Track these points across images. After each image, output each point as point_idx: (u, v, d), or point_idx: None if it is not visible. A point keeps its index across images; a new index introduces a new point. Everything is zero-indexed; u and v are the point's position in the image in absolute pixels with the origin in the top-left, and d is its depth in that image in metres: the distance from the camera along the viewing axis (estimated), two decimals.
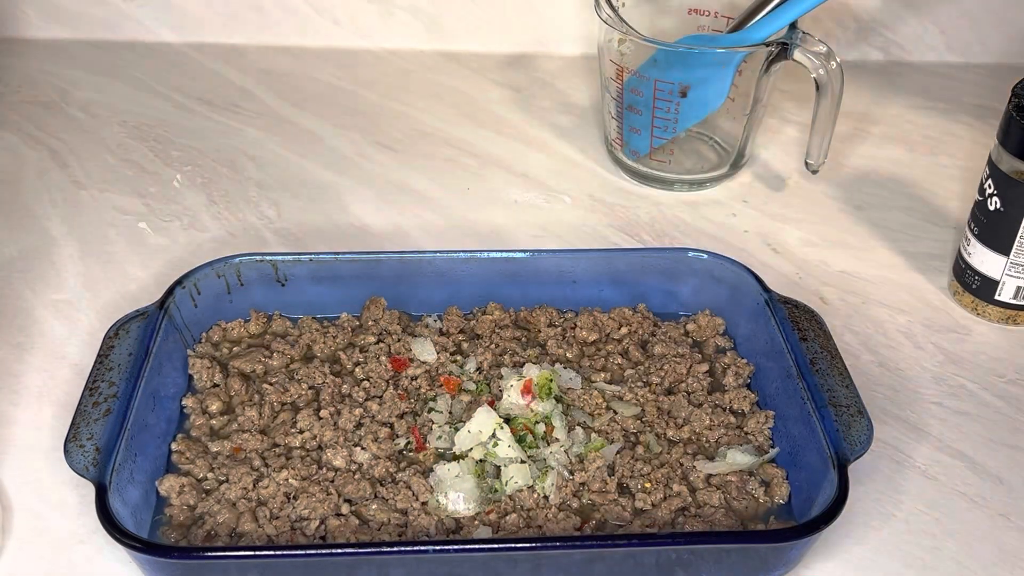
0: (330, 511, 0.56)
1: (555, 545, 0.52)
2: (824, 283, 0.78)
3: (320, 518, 0.56)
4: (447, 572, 0.52)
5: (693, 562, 0.53)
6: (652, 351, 0.68)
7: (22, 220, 0.82)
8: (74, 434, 0.55)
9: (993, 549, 0.58)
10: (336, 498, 0.57)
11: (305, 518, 0.56)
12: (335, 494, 0.57)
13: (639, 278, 0.71)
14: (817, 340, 0.63)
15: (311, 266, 0.69)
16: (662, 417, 0.63)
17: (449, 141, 0.94)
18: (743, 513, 0.58)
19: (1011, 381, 0.70)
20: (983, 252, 0.72)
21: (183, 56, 1.05)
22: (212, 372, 0.65)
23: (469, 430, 0.59)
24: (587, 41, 1.06)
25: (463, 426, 0.59)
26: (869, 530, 0.59)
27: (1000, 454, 0.64)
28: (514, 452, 0.58)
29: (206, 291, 0.67)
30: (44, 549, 0.56)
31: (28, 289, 0.75)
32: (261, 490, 0.57)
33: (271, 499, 0.57)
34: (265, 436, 0.61)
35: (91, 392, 0.58)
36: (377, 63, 1.06)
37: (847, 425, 0.57)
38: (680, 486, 0.58)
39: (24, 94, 0.98)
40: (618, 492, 0.58)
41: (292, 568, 0.51)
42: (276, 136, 0.94)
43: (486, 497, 0.57)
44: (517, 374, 0.63)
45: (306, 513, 0.56)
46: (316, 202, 0.85)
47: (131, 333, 0.62)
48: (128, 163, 0.89)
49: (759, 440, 0.62)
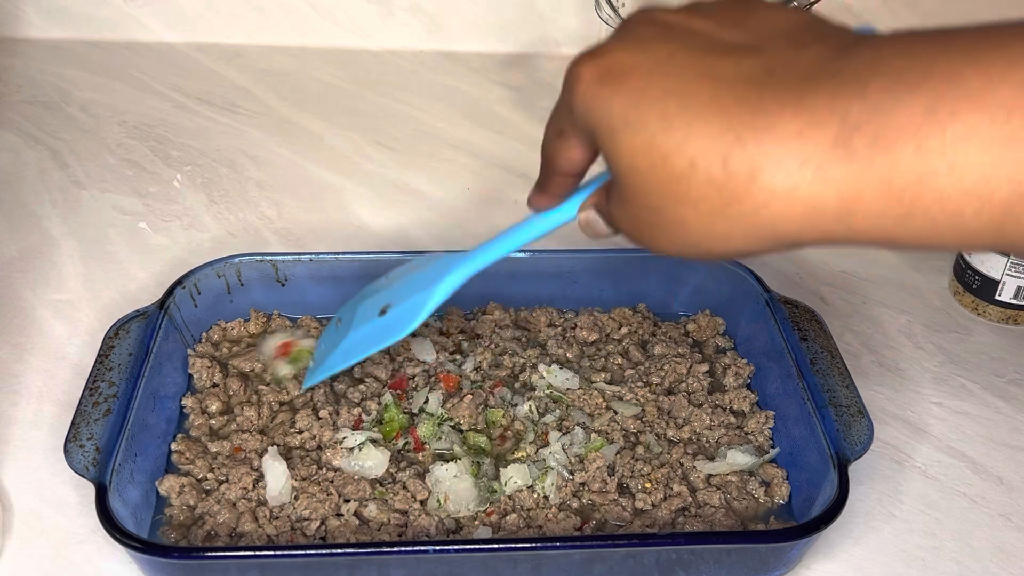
0: (330, 511, 0.56)
1: (555, 545, 0.52)
2: (824, 283, 0.78)
3: (320, 518, 0.56)
4: (447, 572, 0.52)
5: (693, 562, 0.53)
6: (652, 351, 0.68)
7: (22, 220, 0.82)
8: (74, 434, 0.55)
9: (993, 549, 0.58)
10: (336, 498, 0.57)
11: (305, 518, 0.56)
12: (335, 494, 0.57)
13: (639, 278, 0.71)
14: (817, 340, 0.63)
15: (311, 266, 0.69)
16: (662, 417, 0.63)
17: (449, 141, 0.94)
18: (743, 513, 0.58)
19: (1011, 381, 0.70)
20: (983, 252, 0.72)
21: (183, 56, 1.05)
22: (212, 372, 0.64)
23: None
24: (587, 41, 1.05)
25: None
26: (869, 530, 0.59)
27: (1000, 454, 0.64)
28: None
29: (206, 291, 0.67)
30: (44, 549, 0.56)
31: (28, 289, 0.75)
32: (261, 490, 0.57)
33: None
34: (264, 436, 0.61)
35: (91, 392, 0.58)
36: (377, 63, 1.06)
37: (847, 425, 0.57)
38: (680, 486, 0.58)
39: (24, 94, 0.98)
40: (618, 492, 0.58)
41: (292, 568, 0.51)
42: (276, 136, 0.94)
43: (484, 497, 0.57)
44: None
45: (306, 513, 0.56)
46: (316, 202, 0.85)
47: (131, 333, 0.62)
48: (128, 163, 0.89)
49: (759, 440, 0.62)
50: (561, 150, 0.43)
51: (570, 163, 0.44)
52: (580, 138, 0.41)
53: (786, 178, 0.33)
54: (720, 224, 0.36)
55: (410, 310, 0.54)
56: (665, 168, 0.36)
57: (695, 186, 0.35)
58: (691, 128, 0.35)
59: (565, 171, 0.44)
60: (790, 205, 0.34)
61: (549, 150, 0.44)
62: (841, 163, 0.33)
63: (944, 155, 0.31)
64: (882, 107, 0.32)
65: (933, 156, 0.31)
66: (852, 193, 0.33)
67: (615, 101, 0.37)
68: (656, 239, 0.39)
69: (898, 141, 0.32)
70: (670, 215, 0.37)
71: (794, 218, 0.34)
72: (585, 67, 0.39)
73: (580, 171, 0.45)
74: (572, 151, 0.43)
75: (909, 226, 0.33)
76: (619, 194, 0.40)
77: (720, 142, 0.34)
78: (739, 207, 0.35)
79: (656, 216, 0.38)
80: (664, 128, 0.35)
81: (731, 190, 0.34)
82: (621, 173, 0.38)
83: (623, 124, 0.37)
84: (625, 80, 0.37)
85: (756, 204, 0.34)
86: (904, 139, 0.31)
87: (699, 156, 0.35)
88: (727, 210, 0.35)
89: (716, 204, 0.35)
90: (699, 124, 0.35)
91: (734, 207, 0.35)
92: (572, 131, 0.41)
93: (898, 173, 0.32)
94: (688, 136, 0.35)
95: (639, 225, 0.39)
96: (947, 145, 0.31)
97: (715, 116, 0.34)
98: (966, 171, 0.31)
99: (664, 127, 0.35)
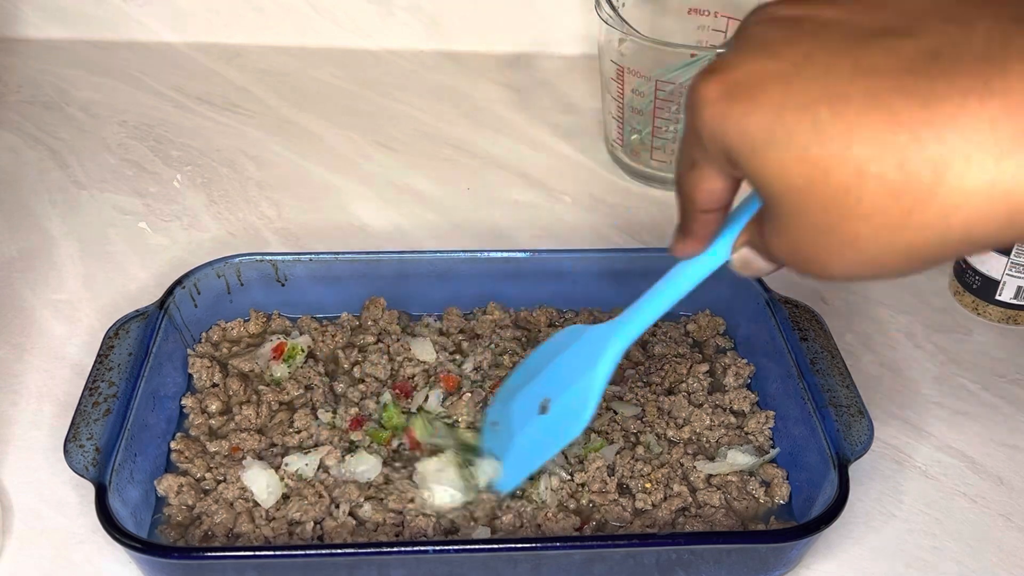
0: (324, 512, 0.56)
1: (555, 545, 0.52)
2: (825, 283, 0.78)
3: (313, 520, 0.55)
4: (447, 572, 0.52)
5: (693, 562, 0.53)
6: (652, 351, 0.68)
7: (22, 220, 0.82)
8: (74, 434, 0.55)
9: (993, 549, 0.58)
10: (327, 500, 0.56)
11: (299, 521, 0.56)
12: (326, 496, 0.57)
13: (639, 278, 0.70)
14: (818, 340, 0.63)
15: (311, 266, 0.69)
16: (662, 417, 0.63)
17: (449, 141, 0.94)
18: (743, 513, 0.58)
19: (1012, 381, 0.70)
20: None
21: (183, 56, 1.05)
22: (212, 372, 0.64)
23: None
24: (587, 41, 1.05)
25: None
26: (869, 530, 0.59)
27: (1000, 454, 0.64)
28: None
29: (206, 291, 0.67)
30: (44, 549, 0.56)
31: (28, 289, 0.75)
32: None
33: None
34: (263, 436, 0.61)
35: (91, 392, 0.58)
36: (377, 63, 1.06)
37: (847, 425, 0.57)
38: (680, 486, 0.58)
39: (24, 94, 0.98)
40: (618, 492, 0.58)
41: (292, 569, 0.51)
42: (276, 136, 0.94)
43: (470, 485, 0.57)
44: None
45: (298, 516, 0.56)
46: (316, 202, 0.85)
47: (131, 333, 0.62)
48: (128, 163, 0.89)
49: (759, 440, 0.62)
50: (698, 183, 0.39)
51: (710, 197, 0.39)
52: (716, 167, 0.37)
53: (982, 174, 0.30)
54: (902, 236, 0.32)
55: (578, 399, 0.51)
56: (827, 182, 0.32)
57: (867, 197, 0.31)
58: (852, 134, 0.31)
59: (707, 207, 0.40)
60: (990, 204, 0.30)
61: (685, 186, 0.40)
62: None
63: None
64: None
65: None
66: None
67: (752, 118, 0.33)
68: (826, 264, 0.35)
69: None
70: (839, 235, 0.33)
71: (995, 218, 0.30)
72: (708, 86, 0.34)
73: (723, 204, 0.41)
74: (710, 182, 0.39)
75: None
76: (775, 221, 0.36)
77: (891, 144, 0.30)
78: (924, 215, 0.31)
79: (823, 238, 0.33)
80: (818, 138, 0.32)
81: (913, 196, 0.31)
82: (774, 196, 0.34)
83: (768, 141, 0.33)
84: (760, 92, 0.33)
85: (945, 208, 0.31)
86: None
87: (867, 163, 0.31)
88: (910, 220, 0.31)
89: (895, 214, 0.31)
90: (861, 128, 0.31)
91: (917, 215, 0.31)
92: (705, 160, 0.37)
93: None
94: (850, 143, 0.31)
95: (803, 251, 0.35)
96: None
97: (879, 116, 0.31)
98: None
99: (818, 137, 0.32)
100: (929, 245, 0.32)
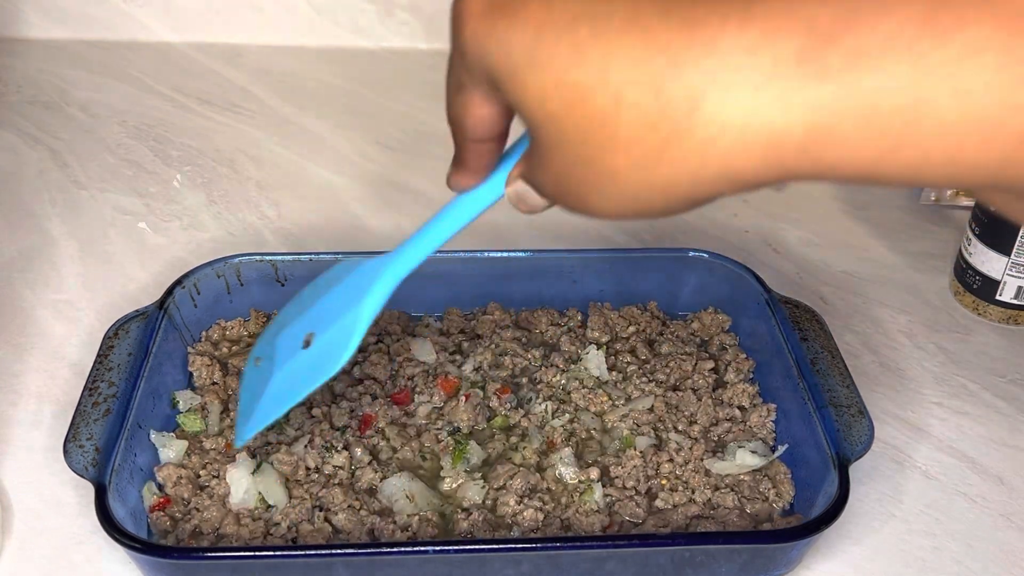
0: (304, 516, 0.56)
1: (555, 546, 0.52)
2: (825, 283, 0.78)
3: (292, 523, 0.55)
4: (447, 572, 0.52)
5: (694, 562, 0.53)
6: (659, 350, 0.68)
7: (22, 220, 0.82)
8: (74, 434, 0.55)
9: (993, 549, 0.58)
10: (310, 503, 0.56)
11: (276, 523, 0.56)
12: (309, 497, 0.57)
13: (640, 278, 0.71)
14: (818, 340, 0.63)
15: (311, 266, 0.68)
16: (670, 414, 0.63)
17: (449, 141, 0.94)
18: (757, 516, 0.57)
19: (1012, 381, 0.70)
20: (984, 252, 0.72)
21: (183, 56, 1.05)
22: (212, 370, 0.64)
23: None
24: None
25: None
26: (869, 530, 0.59)
27: (1000, 454, 0.64)
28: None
29: (206, 291, 0.67)
30: (44, 549, 0.56)
31: (28, 289, 0.75)
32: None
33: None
34: (260, 434, 0.61)
35: (91, 392, 0.58)
36: (377, 63, 1.06)
37: (848, 425, 0.57)
38: (703, 491, 0.58)
39: (24, 94, 0.98)
40: (634, 490, 0.58)
41: (292, 569, 0.51)
42: (276, 136, 0.94)
43: (433, 502, 0.57)
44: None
45: (278, 518, 0.56)
46: (316, 202, 0.85)
47: (131, 333, 0.62)
48: (128, 163, 0.89)
49: (763, 433, 0.62)
50: (467, 109, 0.36)
51: (480, 123, 0.37)
52: (482, 90, 0.34)
53: (738, 105, 0.27)
54: (660, 170, 0.29)
55: (340, 335, 0.46)
56: (585, 110, 0.29)
57: (624, 126, 0.29)
58: (610, 56, 0.28)
59: (478, 135, 0.38)
60: (745, 137, 0.28)
61: (453, 112, 0.37)
62: (810, 84, 0.27)
63: (947, 74, 0.25)
64: (862, 10, 0.26)
65: (933, 76, 0.25)
66: (825, 121, 0.27)
67: (512, 36, 0.31)
68: (587, 200, 0.32)
69: (886, 56, 0.26)
70: (598, 167, 0.30)
71: (752, 153, 0.28)
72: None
73: (497, 133, 0.38)
74: (478, 108, 0.36)
75: (895, 160, 0.27)
76: (537, 151, 0.33)
77: (648, 69, 0.28)
78: (681, 146, 0.28)
79: (582, 171, 0.31)
80: (577, 60, 0.29)
81: (669, 126, 0.28)
82: (534, 124, 0.32)
83: (527, 63, 0.30)
84: (521, 8, 0.30)
85: (702, 140, 0.28)
86: (895, 54, 0.26)
87: (625, 89, 0.28)
88: (666, 152, 0.29)
89: (652, 146, 0.29)
90: (620, 50, 0.28)
91: (674, 147, 0.28)
92: (472, 83, 0.34)
93: (886, 97, 0.26)
94: (608, 66, 0.28)
95: (565, 186, 0.32)
96: (951, 61, 0.25)
97: (638, 38, 0.28)
98: (974, 95, 0.25)
99: (577, 59, 0.29)
100: (687, 182, 0.29)
